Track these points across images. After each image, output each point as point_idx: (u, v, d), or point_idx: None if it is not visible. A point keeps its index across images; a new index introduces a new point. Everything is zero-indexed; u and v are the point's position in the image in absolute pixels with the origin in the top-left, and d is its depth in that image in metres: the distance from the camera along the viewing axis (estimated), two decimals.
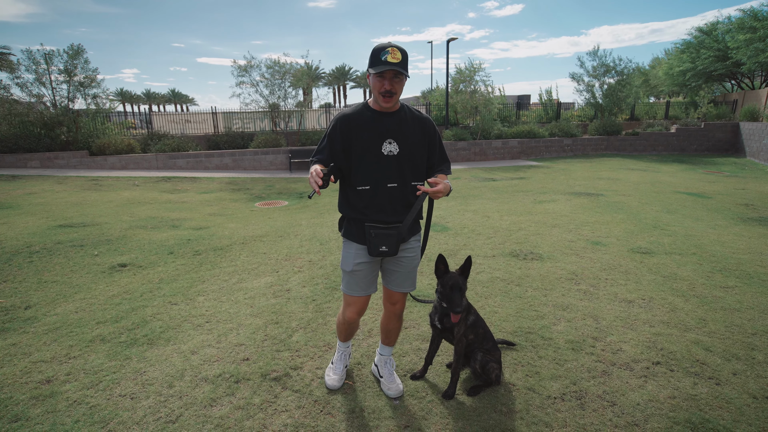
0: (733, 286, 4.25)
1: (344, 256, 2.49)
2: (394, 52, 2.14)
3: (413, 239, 2.52)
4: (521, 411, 2.51)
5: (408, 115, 2.38)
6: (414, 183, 2.41)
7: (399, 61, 2.15)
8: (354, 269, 2.44)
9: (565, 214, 7.25)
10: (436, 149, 2.48)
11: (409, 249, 2.49)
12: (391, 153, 2.32)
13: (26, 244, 5.65)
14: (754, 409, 2.51)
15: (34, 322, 3.56)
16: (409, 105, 2.48)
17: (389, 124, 2.32)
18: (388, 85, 2.19)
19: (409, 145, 2.36)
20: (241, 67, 16.38)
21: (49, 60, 14.58)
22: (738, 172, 12.75)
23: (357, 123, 2.30)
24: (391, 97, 2.23)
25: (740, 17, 18.95)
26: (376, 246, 2.33)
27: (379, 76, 2.19)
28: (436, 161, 2.50)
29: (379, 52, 2.15)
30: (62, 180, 11.68)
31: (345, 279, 2.51)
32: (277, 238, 6.08)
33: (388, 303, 2.63)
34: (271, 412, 2.51)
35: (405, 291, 2.56)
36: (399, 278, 2.52)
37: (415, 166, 2.40)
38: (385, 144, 2.31)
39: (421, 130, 2.41)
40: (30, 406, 2.53)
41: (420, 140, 2.40)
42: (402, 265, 2.49)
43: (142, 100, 79.36)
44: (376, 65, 2.16)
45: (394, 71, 2.17)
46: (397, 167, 2.34)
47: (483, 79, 17.72)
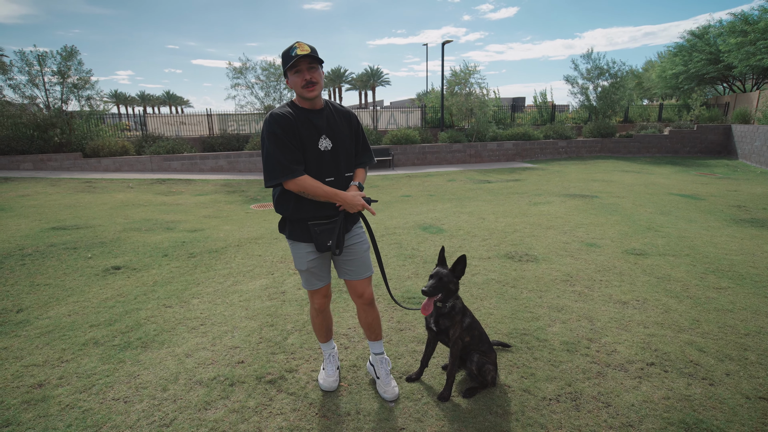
0: (726, 287, 4.27)
1: (295, 257, 2.55)
2: (302, 46, 2.24)
3: (355, 227, 2.60)
4: (516, 412, 2.51)
5: (333, 110, 2.48)
6: (347, 174, 2.51)
7: (309, 52, 2.23)
8: (308, 267, 2.52)
9: (559, 216, 7.27)
10: (360, 140, 2.60)
11: (354, 236, 2.58)
12: (326, 148, 2.40)
13: (18, 246, 5.60)
14: (747, 409, 2.52)
15: (26, 326, 3.53)
16: (330, 100, 2.55)
17: (319, 120, 2.39)
18: (307, 75, 2.26)
19: (340, 138, 2.45)
20: (236, 69, 16.38)
21: (42, 61, 14.47)
22: (730, 174, 12.84)
23: (295, 121, 2.34)
24: (314, 86, 2.29)
25: (732, 21, 19.15)
26: (323, 242, 2.41)
27: (296, 72, 2.26)
28: (360, 150, 2.60)
29: (288, 51, 2.26)
30: (55, 182, 11.58)
31: (303, 277, 2.60)
32: (273, 240, 6.06)
33: (355, 296, 2.67)
34: (266, 415, 2.50)
35: (365, 277, 2.61)
36: (355, 266, 2.58)
37: (347, 159, 2.51)
38: (321, 140, 2.39)
39: (347, 123, 2.52)
40: (22, 410, 2.51)
41: (348, 133, 2.51)
42: (353, 252, 2.56)
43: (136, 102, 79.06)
44: (289, 61, 2.24)
45: (308, 60, 2.24)
46: (332, 161, 2.42)
47: (478, 82, 17.79)
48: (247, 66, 16.39)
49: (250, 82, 16.54)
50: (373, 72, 63.40)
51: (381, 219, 7.31)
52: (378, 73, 63.95)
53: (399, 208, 8.52)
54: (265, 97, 16.69)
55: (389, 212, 8.03)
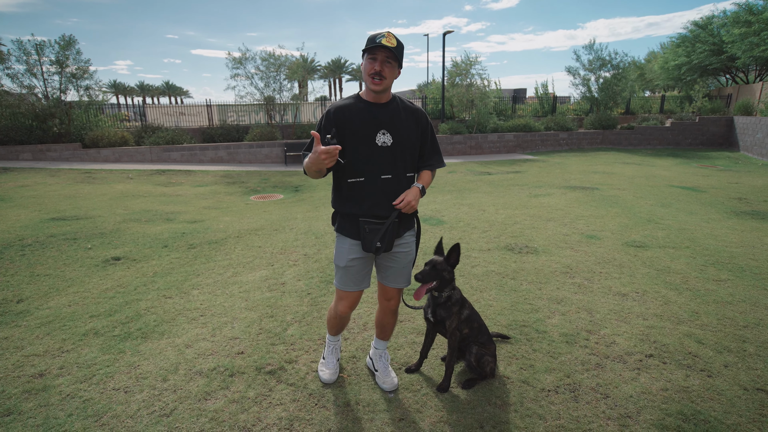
0: (726, 279, 4.28)
1: (337, 251, 2.46)
2: (390, 37, 2.14)
3: (407, 234, 2.50)
4: (515, 404, 2.52)
5: (400, 106, 2.37)
6: (408, 174, 2.40)
7: (393, 46, 2.14)
8: (348, 265, 2.42)
9: (560, 208, 7.26)
10: (428, 141, 2.47)
11: (403, 244, 2.47)
12: (384, 144, 2.30)
13: (18, 237, 5.61)
14: (745, 400, 2.54)
15: (27, 316, 3.54)
16: (402, 97, 2.45)
17: (382, 114, 2.29)
18: (378, 66, 2.16)
19: (403, 136, 2.34)
20: (236, 60, 16.24)
21: (41, 51, 14.32)
22: (731, 166, 12.80)
23: (350, 113, 2.27)
24: (381, 81, 2.19)
25: (735, 11, 18.97)
26: (370, 242, 2.30)
27: (371, 57, 2.17)
28: (427, 152, 2.49)
29: (376, 36, 2.14)
30: (55, 172, 11.56)
31: (338, 274, 2.49)
32: (272, 231, 6.06)
33: (383, 299, 2.62)
34: (265, 405, 2.51)
35: (400, 287, 2.55)
36: (393, 274, 2.50)
37: (409, 158, 2.39)
38: (379, 135, 2.29)
39: (414, 121, 2.39)
40: (22, 399, 2.52)
41: (413, 131, 2.39)
42: (396, 260, 2.47)
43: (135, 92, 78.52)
44: (370, 44, 2.15)
45: (387, 53, 2.15)
46: (390, 158, 2.32)
47: (479, 73, 17.66)
48: (246, 56, 16.25)
49: (250, 73, 16.42)
50: None
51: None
52: None
53: None
54: (265, 88, 16.57)
55: None
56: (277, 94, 16.78)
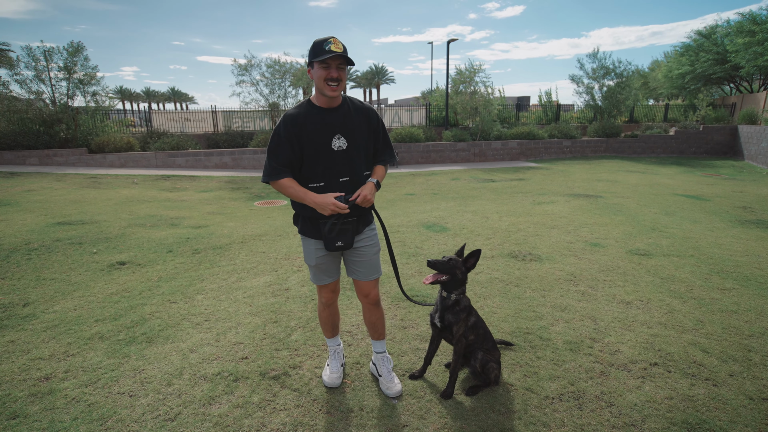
0: (731, 288, 4.26)
1: (305, 252, 2.58)
2: (337, 42, 2.21)
3: (367, 229, 2.59)
4: (519, 411, 2.51)
5: (351, 108, 2.44)
6: (365, 173, 2.48)
7: (342, 51, 2.20)
8: (318, 263, 2.55)
9: (563, 216, 7.26)
10: (380, 138, 2.56)
11: (366, 239, 2.57)
12: (340, 148, 2.37)
13: (25, 241, 5.64)
14: (751, 410, 2.52)
15: (33, 320, 3.56)
16: (350, 96, 2.52)
17: (335, 118, 2.36)
18: (334, 73, 2.24)
19: (356, 137, 2.42)
20: (241, 66, 16.37)
21: (49, 57, 14.46)
22: (736, 175, 12.76)
23: (305, 121, 2.34)
24: (338, 85, 2.27)
25: (739, 21, 18.97)
26: (331, 241, 2.40)
27: (324, 66, 2.23)
28: (380, 149, 2.57)
29: (322, 43, 2.22)
30: (61, 177, 11.64)
31: (312, 272, 2.64)
32: (277, 237, 6.08)
33: (361, 295, 2.69)
34: (269, 410, 2.51)
35: (373, 278, 2.63)
36: (363, 268, 2.59)
37: (364, 158, 2.48)
38: (334, 139, 2.36)
39: (366, 120, 2.47)
40: (28, 403, 2.53)
41: (366, 131, 2.47)
42: (363, 254, 2.57)
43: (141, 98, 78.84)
44: (320, 54, 2.21)
45: (340, 59, 2.23)
46: (347, 161, 2.40)
47: (483, 80, 17.75)
48: (252, 63, 16.37)
49: (255, 80, 16.53)
50: (377, 70, 63.32)
51: (384, 217, 7.31)
52: (383, 71, 63.88)
53: (403, 206, 8.52)
54: (270, 95, 16.67)
55: (393, 210, 8.03)
56: (282, 100, 16.88)
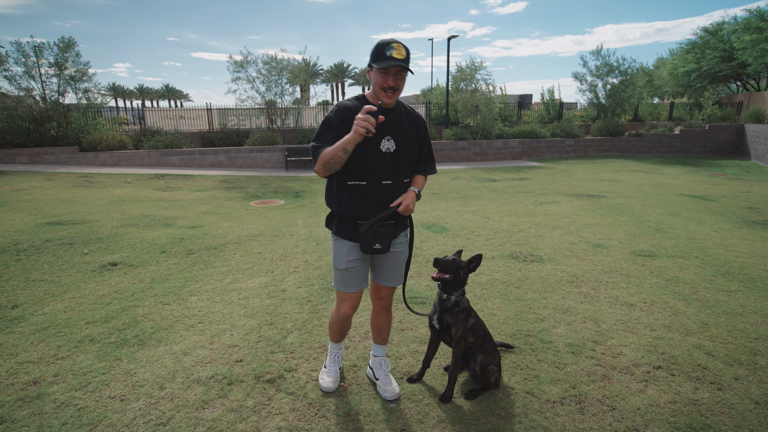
0: (736, 290, 4.20)
1: (336, 253, 2.48)
2: (399, 48, 2.15)
3: (401, 234, 2.54)
4: (520, 415, 2.47)
5: (403, 112, 2.41)
6: (406, 180, 2.43)
7: (404, 58, 2.15)
8: (348, 267, 2.44)
9: (566, 216, 7.20)
10: (425, 148, 2.53)
11: (398, 244, 2.52)
12: (388, 150, 2.32)
13: (13, 241, 5.57)
14: (756, 414, 2.48)
15: (21, 322, 3.50)
16: (402, 101, 2.47)
17: (388, 120, 2.30)
18: (392, 81, 2.19)
19: (405, 142, 2.37)
20: (237, 63, 16.25)
21: (39, 53, 14.15)
22: (742, 175, 12.69)
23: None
24: (394, 93, 2.23)
25: (746, 17, 18.78)
26: (369, 244, 2.33)
27: (383, 72, 2.18)
28: (424, 159, 2.54)
29: (384, 47, 2.15)
30: (51, 176, 11.50)
31: (338, 276, 2.51)
32: (273, 237, 6.02)
33: (375, 297, 2.65)
34: (264, 414, 2.46)
35: (393, 285, 2.58)
36: (388, 273, 2.54)
37: (408, 164, 2.43)
38: (384, 141, 2.31)
39: (415, 127, 2.44)
40: (16, 407, 2.48)
41: (414, 138, 2.43)
42: (391, 260, 2.52)
43: (134, 95, 78.33)
44: (380, 60, 2.15)
45: (399, 67, 2.16)
46: (393, 164, 2.34)
47: (484, 78, 17.64)
48: (248, 60, 16.24)
49: (251, 76, 16.41)
50: None
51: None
52: None
53: None
54: (267, 92, 16.55)
55: None
56: (279, 98, 16.77)
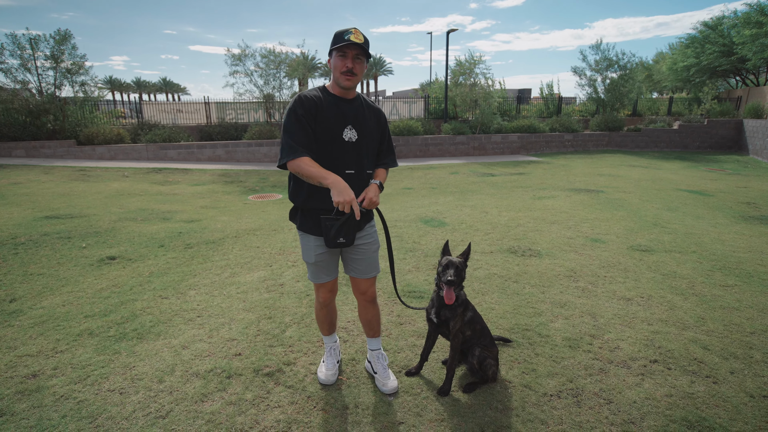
0: (733, 284, 4.21)
1: (304, 248, 2.51)
2: (357, 34, 2.20)
3: (368, 226, 2.56)
4: (517, 408, 2.48)
5: (364, 104, 2.44)
6: (368, 171, 2.45)
7: (362, 42, 2.19)
8: (316, 260, 2.48)
9: (564, 211, 7.21)
10: (385, 139, 2.56)
11: (366, 236, 2.53)
12: (351, 139, 2.35)
13: (11, 235, 5.56)
14: (751, 407, 2.49)
15: (20, 315, 3.50)
16: (361, 93, 2.50)
17: (349, 110, 2.35)
18: (350, 64, 2.23)
19: (367, 132, 2.41)
20: (235, 56, 16.14)
21: (35, 45, 14.06)
22: (740, 170, 12.71)
23: (320, 106, 2.30)
24: (353, 77, 2.25)
25: (746, 12, 18.64)
26: (333, 238, 2.32)
27: (341, 55, 2.22)
28: (384, 151, 2.57)
29: (343, 33, 2.21)
30: (48, 170, 11.47)
31: (310, 269, 2.57)
32: (271, 231, 6.02)
33: (357, 293, 2.66)
34: (263, 407, 2.47)
35: (371, 276, 2.59)
36: (362, 265, 2.55)
37: (370, 155, 2.46)
38: (346, 130, 2.34)
39: (375, 119, 2.48)
40: (15, 400, 2.49)
41: (375, 129, 2.47)
42: (362, 252, 2.53)
43: (132, 89, 77.63)
44: (338, 42, 2.20)
45: (357, 50, 2.21)
46: (355, 154, 2.37)
47: (483, 72, 17.55)
48: (246, 53, 16.11)
49: (249, 70, 16.31)
50: (375, 61, 62.58)
51: (382, 212, 7.26)
52: (381, 62, 63.32)
53: (400, 200, 8.46)
54: (265, 85, 16.47)
55: (390, 205, 7.98)
56: (277, 91, 16.68)
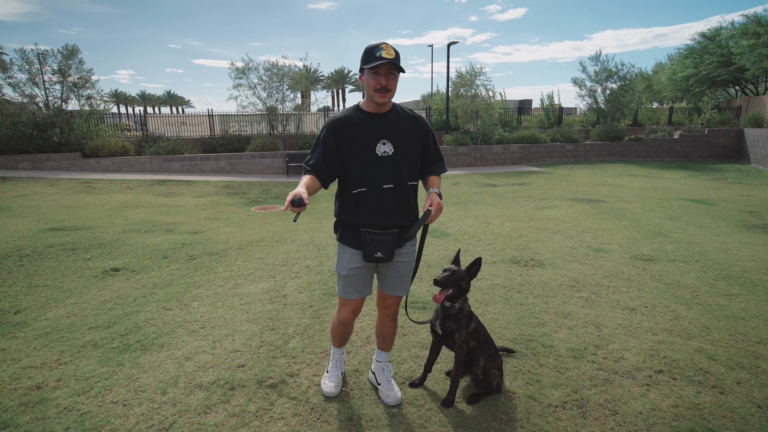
0: (737, 293, 4.20)
1: (339, 259, 2.49)
2: (388, 49, 2.17)
3: (408, 244, 2.52)
4: (521, 419, 2.47)
5: (401, 115, 2.41)
6: (410, 183, 2.43)
7: (393, 57, 2.17)
8: (349, 273, 2.45)
9: (566, 221, 7.20)
10: (430, 147, 2.52)
11: (404, 254, 2.50)
12: (385, 153, 2.33)
13: (16, 247, 5.58)
14: (759, 418, 2.47)
15: (24, 327, 3.50)
16: (401, 105, 2.48)
17: (381, 124, 2.33)
18: (383, 81, 2.21)
19: (403, 144, 2.37)
20: (238, 69, 16.31)
21: (43, 60, 14.33)
22: (742, 179, 12.70)
23: (349, 125, 2.31)
24: (387, 93, 2.24)
25: (744, 23, 18.85)
26: (371, 252, 2.33)
27: (374, 72, 2.20)
28: (431, 158, 2.53)
29: (373, 49, 2.18)
30: (54, 182, 11.54)
31: (340, 282, 2.53)
32: (274, 243, 6.03)
33: (381, 306, 2.65)
34: (266, 419, 2.46)
35: (399, 294, 2.57)
36: (393, 282, 2.52)
37: (410, 166, 2.42)
38: (379, 144, 2.32)
39: (414, 129, 2.43)
40: (19, 412, 2.48)
41: (414, 139, 2.42)
42: (396, 269, 2.50)
43: (136, 102, 78.25)
44: (370, 61, 2.18)
45: (389, 66, 2.19)
46: (392, 168, 2.35)
47: (484, 84, 17.71)
48: (249, 66, 16.29)
49: (253, 83, 16.46)
50: None
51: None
52: None
53: None
54: (268, 98, 16.61)
55: None
56: (280, 104, 16.82)
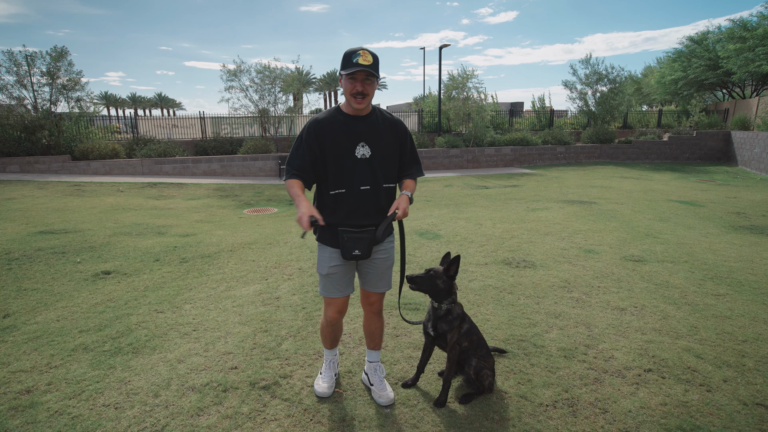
0: (725, 293, 4.26)
1: (319, 259, 2.53)
2: (365, 55, 2.21)
3: (387, 241, 2.57)
4: (513, 419, 2.49)
5: (379, 118, 2.45)
6: (386, 185, 2.47)
7: (370, 63, 2.21)
8: (329, 272, 2.49)
9: (557, 222, 7.26)
10: (407, 151, 2.56)
11: (382, 251, 2.54)
12: (363, 156, 2.38)
13: (5, 250, 5.52)
14: (745, 415, 2.51)
15: (14, 331, 3.47)
16: (381, 108, 2.52)
17: (361, 127, 2.38)
18: (359, 87, 2.25)
19: (381, 147, 2.42)
20: (230, 72, 16.27)
21: (31, 62, 14.14)
22: (730, 181, 12.87)
23: (330, 127, 2.36)
24: (363, 99, 2.29)
25: (730, 27, 19.14)
26: (349, 249, 2.37)
27: (350, 78, 2.25)
28: (407, 162, 2.57)
29: (351, 54, 2.22)
30: (43, 185, 11.39)
31: (321, 282, 2.57)
32: (266, 245, 6.02)
33: (365, 303, 2.69)
34: (259, 421, 2.46)
35: (381, 291, 2.61)
36: (373, 279, 2.56)
37: (388, 169, 2.47)
38: (358, 147, 2.37)
39: (393, 132, 2.47)
40: (9, 417, 2.46)
41: (392, 143, 2.47)
42: (376, 266, 2.54)
43: (127, 104, 77.48)
44: (347, 67, 2.22)
45: (366, 72, 2.23)
46: (369, 170, 2.39)
47: (476, 86, 17.80)
48: (241, 68, 16.25)
49: (245, 85, 16.42)
50: None
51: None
52: None
53: None
54: (260, 101, 16.57)
55: None
56: (272, 106, 16.79)
